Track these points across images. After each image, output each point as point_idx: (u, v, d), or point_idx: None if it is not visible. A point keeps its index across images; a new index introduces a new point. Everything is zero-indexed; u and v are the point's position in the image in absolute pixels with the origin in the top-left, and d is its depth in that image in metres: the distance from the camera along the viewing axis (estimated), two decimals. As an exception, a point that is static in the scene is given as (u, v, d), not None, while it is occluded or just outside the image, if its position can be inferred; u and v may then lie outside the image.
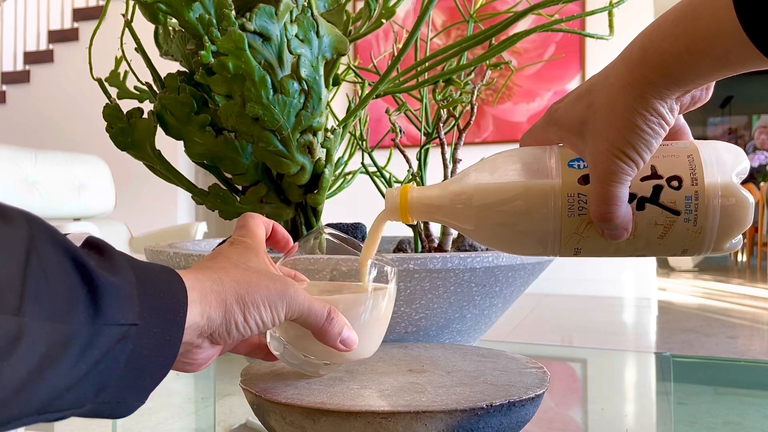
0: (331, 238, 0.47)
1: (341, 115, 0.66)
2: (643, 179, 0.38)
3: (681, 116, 0.42)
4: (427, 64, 0.66)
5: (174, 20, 0.62)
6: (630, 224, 0.38)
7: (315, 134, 0.61)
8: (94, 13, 5.00)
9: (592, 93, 0.38)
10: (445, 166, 0.70)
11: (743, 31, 0.31)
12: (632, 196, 0.38)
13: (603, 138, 0.37)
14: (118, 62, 0.66)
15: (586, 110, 0.38)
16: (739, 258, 7.05)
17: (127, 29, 0.65)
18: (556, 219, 0.39)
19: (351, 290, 0.47)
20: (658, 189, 0.38)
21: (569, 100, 0.40)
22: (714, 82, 0.38)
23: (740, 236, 0.40)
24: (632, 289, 3.96)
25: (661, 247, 0.40)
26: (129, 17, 0.65)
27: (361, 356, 0.44)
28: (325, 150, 0.63)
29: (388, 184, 0.77)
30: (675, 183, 0.38)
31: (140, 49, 0.65)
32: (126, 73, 0.66)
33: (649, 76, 0.35)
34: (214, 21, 0.57)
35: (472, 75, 0.72)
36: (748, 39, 0.31)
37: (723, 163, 0.39)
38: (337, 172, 0.74)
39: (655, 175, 0.38)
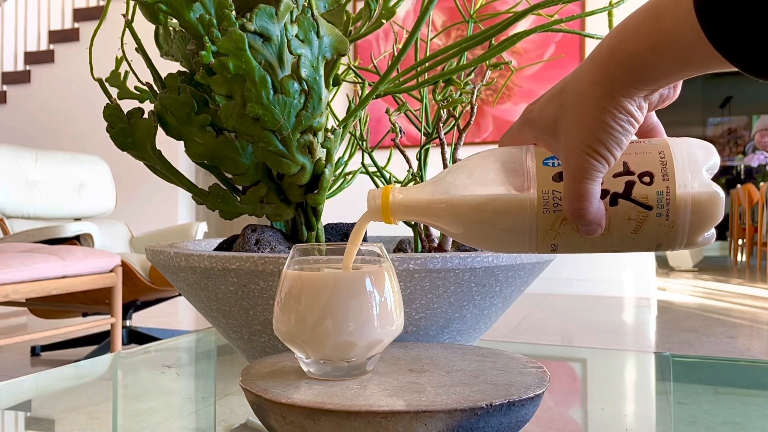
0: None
1: (341, 115, 0.66)
2: (616, 175, 0.39)
3: (654, 115, 0.43)
4: (427, 65, 0.66)
5: (174, 20, 0.62)
6: (603, 220, 0.39)
7: (315, 134, 0.61)
8: (95, 14, 5.01)
9: (564, 92, 0.39)
10: (445, 166, 0.70)
11: (704, 34, 0.31)
12: (605, 192, 0.39)
13: (574, 136, 0.38)
14: (118, 62, 0.66)
15: (558, 109, 0.39)
16: (739, 258, 7.04)
17: (127, 29, 0.65)
18: (532, 216, 0.40)
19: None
20: (630, 185, 0.39)
21: (543, 101, 0.41)
22: (681, 81, 0.39)
23: (713, 230, 0.40)
24: (632, 289, 3.96)
25: (635, 242, 0.40)
26: (129, 17, 0.65)
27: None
28: (325, 150, 0.63)
29: (389, 184, 0.77)
30: (647, 179, 0.39)
31: (141, 49, 0.65)
32: (126, 73, 0.67)
33: (616, 75, 0.36)
34: (215, 21, 0.57)
35: (472, 75, 0.72)
36: (708, 42, 0.32)
37: (694, 158, 0.40)
38: (338, 172, 0.75)
39: (627, 171, 0.39)
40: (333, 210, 1.32)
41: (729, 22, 0.31)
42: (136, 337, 2.63)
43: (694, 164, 0.39)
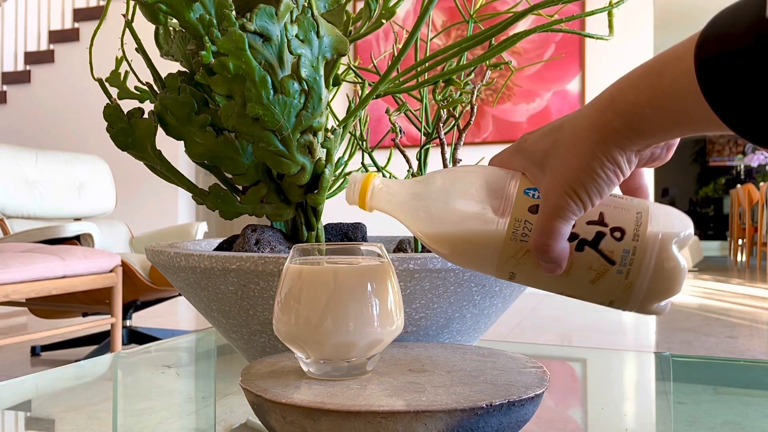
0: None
1: (341, 115, 0.66)
2: (589, 223, 0.40)
3: (645, 175, 0.44)
4: (427, 65, 0.66)
5: (174, 20, 0.62)
6: (565, 261, 0.40)
7: (315, 134, 0.61)
8: (95, 14, 5.00)
9: (560, 130, 0.40)
10: (445, 166, 0.70)
11: (702, 95, 0.32)
12: (574, 236, 0.40)
13: (559, 174, 0.39)
14: (118, 62, 0.66)
15: (551, 145, 0.40)
16: (739, 258, 7.04)
17: (127, 29, 0.65)
18: (499, 239, 0.41)
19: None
20: (600, 235, 0.40)
21: (540, 133, 0.42)
22: (676, 142, 0.40)
23: (668, 302, 0.41)
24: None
25: (589, 292, 0.41)
26: (129, 17, 0.65)
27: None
28: (325, 150, 0.63)
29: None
30: (617, 234, 0.39)
31: (141, 49, 0.65)
32: (126, 73, 0.67)
33: (613, 123, 0.36)
34: (215, 21, 0.57)
35: (472, 75, 0.72)
36: (707, 103, 0.32)
37: (669, 227, 0.40)
38: (338, 172, 0.75)
39: (601, 221, 0.40)
40: (333, 210, 1.32)
41: (729, 86, 0.31)
42: (136, 337, 2.63)
43: (667, 233, 0.40)
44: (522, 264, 0.41)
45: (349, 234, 0.72)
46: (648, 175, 0.45)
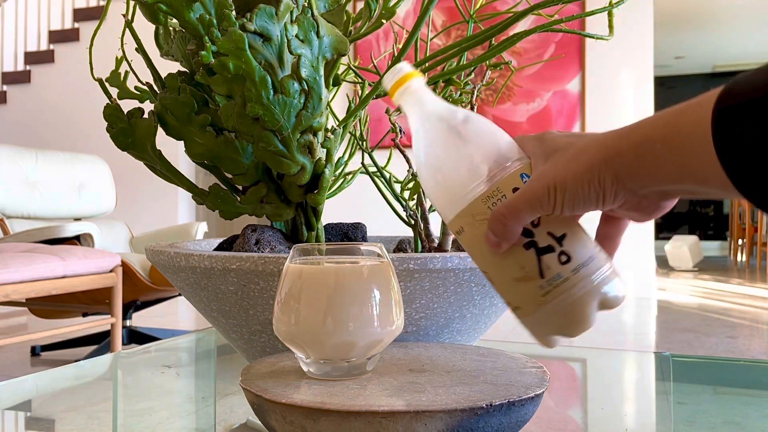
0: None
1: (341, 115, 0.66)
2: (549, 233, 0.41)
3: (621, 233, 0.45)
4: (427, 65, 0.66)
5: (174, 20, 0.62)
6: (508, 244, 0.41)
7: (315, 134, 0.61)
8: (95, 14, 5.00)
9: (580, 137, 0.41)
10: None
11: (713, 143, 0.32)
12: (531, 235, 0.41)
13: (553, 169, 0.40)
14: (118, 62, 0.66)
15: (565, 145, 0.41)
16: (739, 258, 7.04)
17: (127, 29, 0.65)
18: (473, 194, 0.42)
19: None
20: (550, 249, 0.41)
21: (563, 134, 0.43)
22: (667, 207, 0.41)
23: (559, 339, 0.43)
24: (632, 288, 3.96)
25: (507, 286, 0.43)
26: (129, 17, 0.65)
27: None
28: (325, 150, 0.63)
29: (388, 184, 0.77)
30: (564, 258, 0.41)
31: (141, 49, 0.65)
32: (126, 73, 0.67)
33: (622, 148, 0.37)
34: (215, 21, 0.57)
35: (472, 75, 0.72)
36: (715, 153, 0.32)
37: (606, 284, 0.42)
38: (338, 172, 0.75)
39: (559, 239, 0.41)
40: (333, 210, 1.32)
41: (737, 135, 0.31)
42: (136, 337, 2.63)
43: (601, 287, 0.41)
44: (475, 226, 0.43)
45: (349, 234, 0.72)
46: (624, 233, 0.46)
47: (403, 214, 0.72)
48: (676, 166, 0.35)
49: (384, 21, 0.65)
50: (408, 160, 0.75)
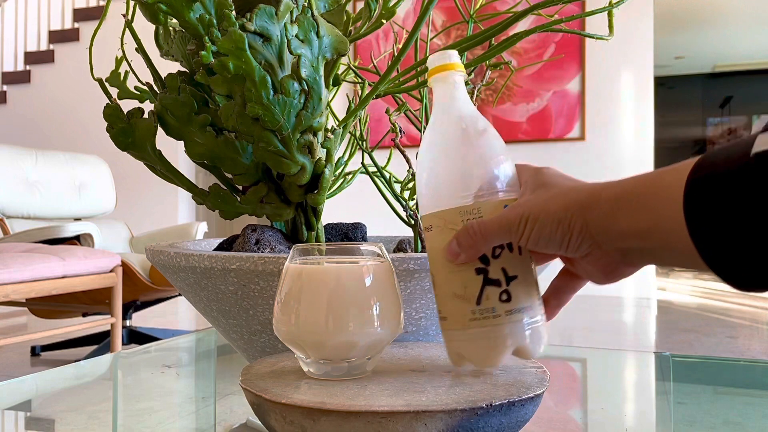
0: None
1: (341, 115, 0.66)
2: (502, 269, 0.43)
3: (573, 291, 0.47)
4: (427, 65, 0.65)
5: (174, 20, 0.62)
6: (465, 259, 0.43)
7: (315, 134, 0.61)
8: (95, 14, 5.00)
9: (572, 180, 0.43)
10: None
11: (683, 210, 0.33)
12: (486, 262, 0.43)
13: (532, 203, 0.42)
14: (118, 62, 0.66)
15: (553, 183, 0.42)
16: (739, 258, 7.02)
17: (127, 29, 0.65)
18: (455, 202, 0.44)
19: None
20: (496, 282, 0.43)
21: (559, 173, 0.45)
22: (619, 276, 0.43)
23: (469, 365, 0.46)
24: (632, 288, 3.96)
25: (444, 297, 0.45)
26: (129, 17, 0.65)
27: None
28: (325, 150, 0.63)
29: (388, 184, 0.77)
30: (504, 296, 0.43)
31: (141, 49, 0.65)
32: (126, 73, 0.67)
33: (601, 197, 0.38)
34: (215, 21, 0.57)
35: (472, 75, 0.72)
36: (684, 218, 0.33)
37: (530, 337, 0.44)
38: (337, 172, 0.75)
39: (509, 278, 0.43)
40: (333, 210, 1.32)
41: (707, 206, 0.32)
42: (136, 337, 2.63)
43: (522, 337, 0.44)
44: (443, 231, 0.44)
45: (349, 234, 0.72)
46: (574, 293, 0.47)
47: (403, 214, 0.72)
48: (646, 224, 0.36)
49: (384, 21, 0.65)
50: (408, 160, 0.75)
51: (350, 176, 0.79)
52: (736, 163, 0.31)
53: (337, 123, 0.67)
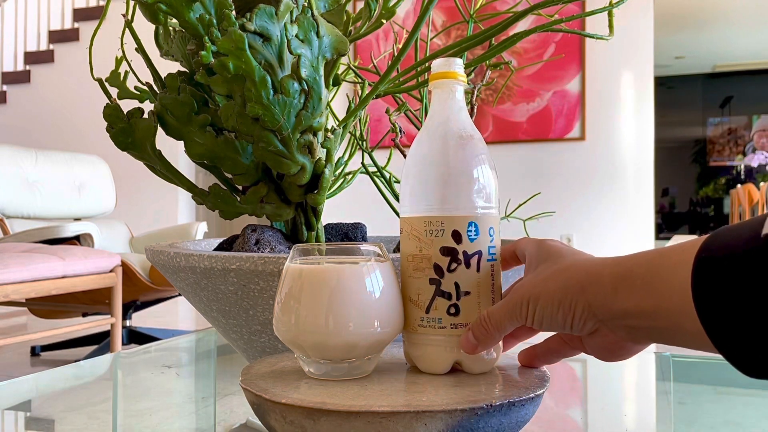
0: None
1: (341, 115, 0.66)
2: (455, 284, 0.44)
3: (561, 357, 0.46)
4: (427, 64, 0.66)
5: (174, 20, 0.62)
6: (484, 348, 0.44)
7: (315, 134, 0.61)
8: (95, 13, 5.00)
9: (572, 255, 0.42)
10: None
11: (691, 288, 0.32)
12: (441, 274, 0.44)
13: (531, 282, 0.41)
14: (118, 62, 0.66)
15: (554, 257, 0.42)
16: (739, 258, 7.02)
17: (127, 29, 0.65)
18: (423, 209, 0.45)
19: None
20: (447, 295, 0.44)
21: (560, 245, 0.45)
22: (627, 354, 0.41)
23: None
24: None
25: (404, 302, 0.46)
26: (129, 17, 0.65)
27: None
28: (325, 150, 0.63)
29: (388, 184, 0.77)
30: (453, 310, 0.44)
31: (140, 49, 0.65)
32: (126, 73, 0.66)
33: (603, 276, 0.38)
34: (215, 21, 0.57)
35: (472, 75, 0.72)
36: (692, 299, 0.32)
37: (472, 356, 0.45)
38: (337, 172, 0.75)
39: (461, 293, 0.44)
40: (333, 210, 1.32)
41: (714, 287, 0.32)
42: (136, 337, 2.63)
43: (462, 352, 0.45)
44: (409, 238, 0.46)
45: (349, 234, 0.72)
46: (561, 358, 0.47)
47: (403, 214, 0.72)
48: (652, 304, 0.35)
49: (384, 21, 0.64)
50: (408, 160, 0.75)
51: (350, 176, 0.79)
52: (747, 245, 0.31)
53: (337, 123, 0.67)
